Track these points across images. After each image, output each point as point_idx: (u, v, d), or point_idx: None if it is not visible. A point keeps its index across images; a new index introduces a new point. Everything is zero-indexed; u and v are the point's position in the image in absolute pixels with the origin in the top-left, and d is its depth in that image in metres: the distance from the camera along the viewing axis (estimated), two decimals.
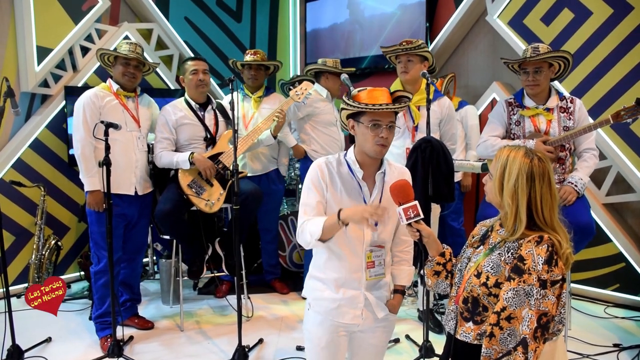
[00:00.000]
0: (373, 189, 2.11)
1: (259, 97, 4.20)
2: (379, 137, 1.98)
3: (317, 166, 2.09)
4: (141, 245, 3.72)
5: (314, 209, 2.03)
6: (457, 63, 4.94)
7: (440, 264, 1.91)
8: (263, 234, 4.40)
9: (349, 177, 2.09)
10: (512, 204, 1.68)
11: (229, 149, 3.60)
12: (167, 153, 3.57)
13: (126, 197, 3.43)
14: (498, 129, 3.26)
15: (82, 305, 4.06)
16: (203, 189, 3.51)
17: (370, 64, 5.39)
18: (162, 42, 5.17)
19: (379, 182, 2.11)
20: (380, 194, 2.11)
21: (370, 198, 2.11)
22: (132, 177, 3.45)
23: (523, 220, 1.66)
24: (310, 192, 2.06)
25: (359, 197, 2.09)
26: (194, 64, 3.62)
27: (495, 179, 1.74)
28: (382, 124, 1.99)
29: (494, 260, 1.70)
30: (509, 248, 1.69)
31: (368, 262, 2.09)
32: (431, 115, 3.20)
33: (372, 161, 2.08)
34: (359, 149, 2.07)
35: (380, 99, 2.00)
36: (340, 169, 2.10)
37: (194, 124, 3.64)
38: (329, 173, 2.07)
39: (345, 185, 2.08)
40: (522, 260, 1.62)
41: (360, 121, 2.01)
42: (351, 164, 2.09)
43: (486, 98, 4.63)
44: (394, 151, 3.41)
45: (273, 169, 4.26)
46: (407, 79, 3.38)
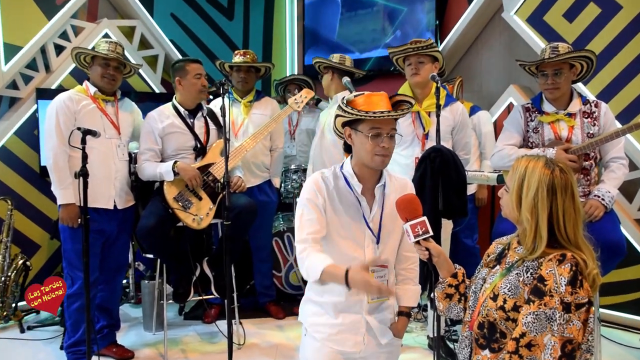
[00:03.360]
0: (373, 204, 2.12)
1: (249, 102, 4.22)
2: (379, 147, 2.00)
3: (313, 181, 2.11)
4: (121, 265, 3.71)
5: (312, 225, 2.04)
6: (470, 65, 4.97)
7: (452, 286, 1.91)
8: (256, 252, 4.39)
9: (346, 192, 2.10)
10: (532, 220, 1.68)
11: (220, 160, 3.61)
12: (150, 165, 3.57)
13: (104, 211, 3.43)
14: (514, 136, 3.27)
15: (53, 333, 4.02)
16: (191, 202, 3.51)
17: (374, 66, 5.42)
18: (145, 41, 5.19)
19: (379, 196, 2.12)
20: (380, 209, 2.12)
21: (370, 214, 2.12)
22: (111, 190, 3.45)
23: (544, 238, 1.66)
24: (306, 208, 2.07)
25: (357, 213, 2.10)
26: (198, 67, 3.65)
27: (512, 192, 1.74)
28: (383, 133, 2.00)
29: (512, 281, 1.70)
30: (528, 268, 1.68)
31: None
32: (443, 122, 3.21)
33: (372, 173, 2.10)
34: (356, 160, 2.09)
35: (380, 105, 2.01)
36: (337, 183, 2.11)
37: (182, 133, 3.64)
38: (326, 188, 2.08)
39: (343, 201, 2.09)
40: (543, 281, 1.62)
41: (359, 130, 2.02)
42: (348, 177, 2.10)
43: (502, 103, 4.65)
44: (402, 161, 3.42)
45: (265, 180, 4.28)
46: (418, 81, 3.41)
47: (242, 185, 3.68)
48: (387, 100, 2.04)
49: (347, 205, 2.10)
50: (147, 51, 5.20)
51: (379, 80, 5.47)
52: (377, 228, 2.14)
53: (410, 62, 3.42)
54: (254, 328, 4.12)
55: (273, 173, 4.33)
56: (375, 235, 2.13)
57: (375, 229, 2.13)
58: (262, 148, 4.22)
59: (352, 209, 2.10)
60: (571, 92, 3.22)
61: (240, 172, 3.82)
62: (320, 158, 4.06)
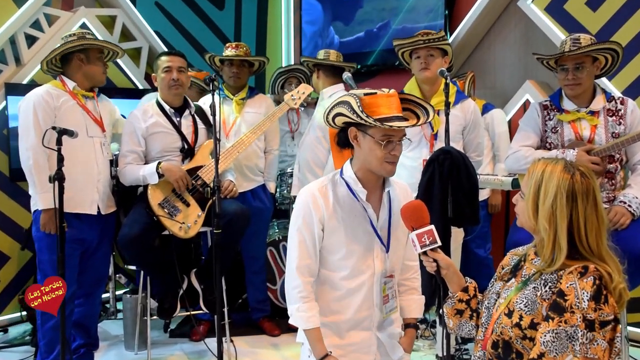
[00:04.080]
0: (380, 210, 2.15)
1: (242, 100, 4.23)
2: (390, 155, 2.03)
3: (308, 196, 2.13)
4: (101, 278, 3.70)
5: (304, 260, 2.11)
6: (482, 59, 4.98)
7: (463, 301, 1.91)
8: (248, 263, 4.39)
9: (349, 200, 2.13)
10: (550, 229, 1.68)
11: (209, 163, 3.62)
12: (132, 168, 3.58)
13: (86, 217, 3.43)
14: (531, 137, 3.28)
15: (23, 354, 3.98)
16: (178, 209, 3.51)
17: (378, 61, 5.43)
18: (127, 32, 5.19)
19: (386, 201, 2.15)
20: (388, 215, 2.15)
21: (378, 221, 2.13)
22: (94, 193, 3.46)
23: (563, 248, 1.66)
24: (300, 234, 2.12)
25: (364, 221, 2.13)
26: (168, 60, 3.64)
27: (528, 198, 1.74)
28: (395, 140, 2.04)
29: (529, 296, 1.70)
30: (546, 281, 1.68)
31: (384, 296, 2.14)
32: (453, 121, 3.23)
33: (377, 177, 2.13)
34: (361, 165, 2.11)
35: (393, 108, 2.04)
36: (337, 191, 2.14)
37: (167, 133, 3.65)
38: (324, 201, 2.11)
39: (346, 210, 2.12)
40: (563, 295, 1.62)
41: (368, 134, 2.04)
42: (351, 183, 2.13)
43: (517, 100, 4.65)
44: (408, 164, 3.43)
45: (259, 185, 4.28)
46: (428, 76, 3.42)
47: (233, 190, 3.68)
48: (397, 103, 2.07)
49: (352, 214, 2.13)
50: (129, 43, 5.19)
51: (383, 75, 5.48)
52: (386, 236, 2.17)
53: (418, 56, 3.43)
54: (246, 346, 4.11)
55: (268, 177, 4.34)
56: (385, 244, 2.16)
57: (384, 237, 2.16)
58: (256, 150, 4.22)
59: (358, 217, 2.13)
60: (594, 88, 3.22)
61: (231, 176, 3.82)
62: (304, 157, 4.11)
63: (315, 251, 2.13)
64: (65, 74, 3.49)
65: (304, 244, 2.12)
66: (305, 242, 2.12)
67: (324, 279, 2.18)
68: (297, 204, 2.16)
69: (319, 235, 2.12)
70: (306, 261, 2.12)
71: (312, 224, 2.11)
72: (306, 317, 2.10)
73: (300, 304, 2.12)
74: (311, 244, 2.12)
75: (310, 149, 4.12)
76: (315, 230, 2.11)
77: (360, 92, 2.07)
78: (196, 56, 5.66)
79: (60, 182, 2.93)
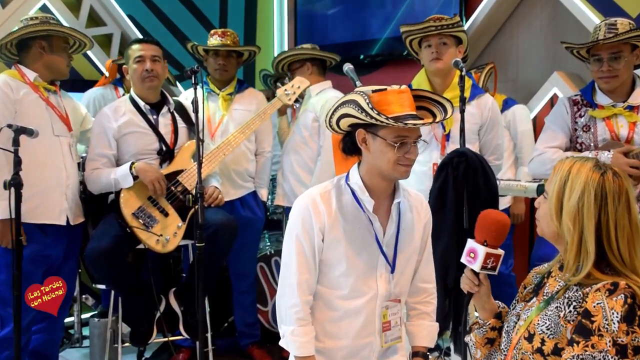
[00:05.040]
0: (387, 224, 2.15)
1: (229, 95, 4.23)
2: (404, 157, 2.03)
3: (309, 200, 2.13)
4: (65, 299, 3.66)
5: (303, 276, 2.11)
6: (502, 48, 4.98)
7: (495, 329, 1.92)
8: (236, 281, 4.39)
9: (354, 210, 2.14)
10: (574, 230, 1.68)
11: (191, 166, 3.61)
12: (101, 172, 3.56)
13: (52, 229, 3.43)
14: (559, 137, 3.27)
15: None
16: (155, 219, 3.51)
17: (383, 50, 5.44)
18: (96, 17, 5.18)
19: (395, 214, 2.16)
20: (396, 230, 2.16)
21: (384, 236, 2.13)
22: (63, 201, 3.46)
23: (590, 253, 1.66)
24: (299, 243, 2.11)
25: (368, 235, 2.14)
26: (140, 48, 3.63)
27: (551, 196, 1.74)
28: (409, 141, 2.04)
29: (551, 317, 1.70)
30: (570, 300, 1.68)
31: (384, 322, 2.13)
32: (468, 119, 3.22)
33: (386, 185, 2.14)
34: (370, 170, 2.12)
35: (406, 105, 2.05)
36: (341, 198, 2.15)
37: (143, 133, 3.65)
38: (326, 208, 2.11)
39: (350, 221, 2.13)
40: (589, 316, 1.61)
41: (379, 135, 2.05)
42: (357, 191, 2.14)
43: (543, 95, 4.66)
44: (417, 169, 3.36)
45: (249, 192, 4.27)
46: (440, 68, 3.42)
47: (219, 197, 3.68)
48: (411, 100, 2.08)
49: (355, 225, 2.13)
50: (98, 29, 5.17)
51: (388, 67, 5.48)
52: (392, 253, 2.17)
53: (429, 44, 3.42)
54: None
55: (259, 183, 4.34)
56: (390, 262, 2.16)
57: (390, 255, 2.17)
58: (246, 152, 4.22)
59: (362, 230, 2.13)
60: (633, 81, 3.22)
61: (217, 182, 3.82)
62: (289, 161, 4.15)
63: (314, 264, 2.13)
64: (22, 62, 3.48)
65: (303, 255, 2.12)
66: (304, 253, 2.12)
67: (319, 295, 2.18)
68: (295, 209, 2.16)
69: (319, 246, 2.11)
70: (305, 276, 2.12)
71: (312, 232, 2.11)
72: (300, 343, 2.09)
73: (295, 327, 2.11)
74: (311, 255, 2.12)
75: (294, 152, 4.13)
76: (315, 239, 2.11)
77: (367, 89, 2.07)
78: (176, 45, 5.64)
79: (17, 189, 2.89)
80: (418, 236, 2.22)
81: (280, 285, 2.20)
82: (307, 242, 2.11)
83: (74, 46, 3.65)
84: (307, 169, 4.10)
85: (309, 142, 4.11)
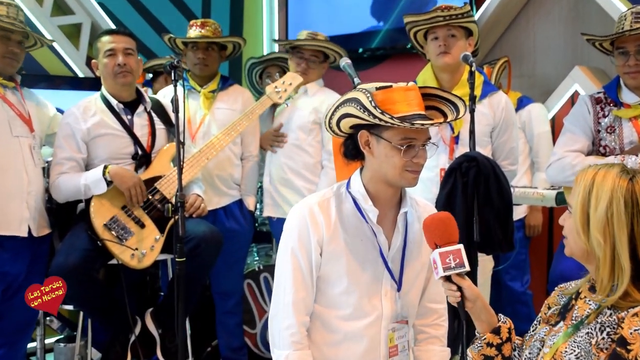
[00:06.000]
0: (393, 236, 2.16)
1: (211, 92, 4.24)
2: (411, 162, 2.04)
3: (305, 210, 2.14)
4: (27, 322, 3.66)
5: (299, 294, 2.11)
6: (517, 40, 4.98)
7: (492, 346, 1.91)
8: (220, 300, 4.39)
9: (356, 220, 2.15)
10: (605, 243, 1.67)
11: (170, 172, 3.62)
12: (69, 178, 3.55)
13: (12, 242, 3.41)
14: (580, 139, 3.28)
15: None
16: (129, 231, 3.51)
17: (385, 42, 5.44)
18: (63, 5, 5.14)
19: (402, 225, 2.17)
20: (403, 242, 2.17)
21: (390, 250, 2.16)
22: (24, 209, 3.45)
23: (625, 269, 1.65)
24: (295, 257, 2.11)
25: (372, 249, 2.15)
26: (111, 40, 3.63)
27: (575, 209, 1.74)
28: (417, 144, 2.05)
29: (581, 344, 1.69)
30: (604, 325, 1.68)
31: (390, 347, 2.13)
32: (479, 119, 3.23)
33: (392, 194, 2.15)
34: (373, 176, 2.13)
35: (413, 104, 2.05)
36: (341, 207, 2.16)
37: (116, 135, 3.65)
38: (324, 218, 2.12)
39: (351, 233, 2.13)
40: (625, 344, 1.60)
41: (383, 138, 2.05)
42: (360, 200, 2.14)
43: (563, 92, 4.66)
44: (423, 174, 3.32)
45: (234, 200, 4.29)
46: (448, 62, 3.41)
47: (201, 206, 3.69)
48: (419, 99, 2.08)
49: (357, 238, 2.14)
50: (65, 18, 5.14)
51: (390, 62, 5.49)
52: (398, 269, 2.18)
53: (436, 36, 3.42)
54: None
55: (245, 190, 4.34)
56: (397, 279, 2.17)
57: (396, 271, 2.18)
58: (231, 156, 4.22)
59: (365, 243, 2.14)
60: None
61: (199, 189, 3.83)
62: (279, 165, 4.15)
63: (312, 281, 2.13)
64: None
65: (300, 272, 2.12)
66: (301, 269, 2.12)
67: (316, 315, 2.18)
68: (290, 219, 2.16)
69: (317, 261, 2.12)
70: (301, 294, 2.12)
71: (309, 245, 2.11)
72: None
73: (290, 351, 2.11)
74: (308, 271, 2.12)
75: (287, 157, 4.15)
76: (312, 253, 2.11)
77: (370, 86, 2.07)
78: (154, 37, 5.60)
79: None
80: (427, 250, 2.22)
81: (274, 304, 2.19)
82: (303, 256, 2.11)
83: (28, 41, 3.60)
84: (301, 176, 4.12)
85: (304, 146, 4.15)
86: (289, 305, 2.12)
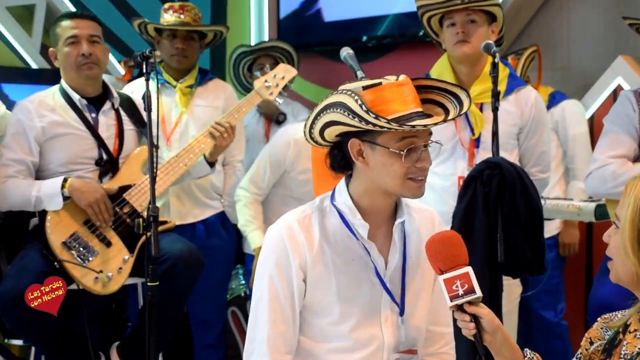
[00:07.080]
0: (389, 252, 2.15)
1: (189, 87, 4.26)
2: (414, 167, 2.02)
3: (283, 230, 2.13)
4: None
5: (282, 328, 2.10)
6: (549, 26, 5.02)
7: None
8: (199, 331, 4.40)
9: (343, 237, 2.14)
10: None
11: (142, 181, 3.62)
12: (16, 183, 3.53)
13: None
14: (624, 142, 3.27)
15: None
16: (93, 251, 3.51)
17: (392, 29, 5.48)
18: None
19: (398, 238, 2.15)
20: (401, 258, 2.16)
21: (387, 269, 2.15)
22: None
23: None
24: (272, 286, 2.11)
25: (366, 268, 2.14)
26: (72, 25, 3.62)
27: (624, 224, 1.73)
28: (419, 145, 2.03)
29: None
30: None
31: None
32: (504, 119, 3.24)
33: (385, 205, 2.14)
34: (369, 189, 2.12)
35: (409, 101, 2.04)
36: (325, 223, 2.15)
37: (77, 135, 3.64)
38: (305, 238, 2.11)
39: (339, 252, 2.13)
40: None
41: (379, 144, 2.04)
42: (347, 214, 2.13)
43: (603, 87, 4.69)
44: (437, 184, 3.43)
45: (216, 213, 4.30)
46: (467, 53, 3.42)
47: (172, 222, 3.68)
48: (414, 94, 2.06)
49: (347, 258, 2.12)
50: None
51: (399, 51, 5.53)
52: (399, 290, 2.17)
53: (454, 22, 3.43)
54: None
55: (228, 201, 4.35)
56: (398, 301, 2.16)
57: (396, 292, 2.16)
58: None
59: (356, 263, 2.13)
60: None
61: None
62: None
63: (293, 313, 2.11)
64: None
65: (277, 302, 2.10)
66: (279, 300, 2.10)
67: (304, 351, 2.17)
68: (266, 242, 2.16)
69: (300, 289, 2.10)
70: (280, 328, 2.10)
71: (289, 271, 2.09)
72: None
73: None
74: (288, 301, 2.10)
75: None
76: (294, 280, 2.09)
77: (356, 85, 2.04)
78: (122, 22, 5.64)
79: None
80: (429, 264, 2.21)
81: (248, 341, 2.18)
82: (282, 284, 2.09)
83: None
84: None
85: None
86: (263, 343, 2.11)
